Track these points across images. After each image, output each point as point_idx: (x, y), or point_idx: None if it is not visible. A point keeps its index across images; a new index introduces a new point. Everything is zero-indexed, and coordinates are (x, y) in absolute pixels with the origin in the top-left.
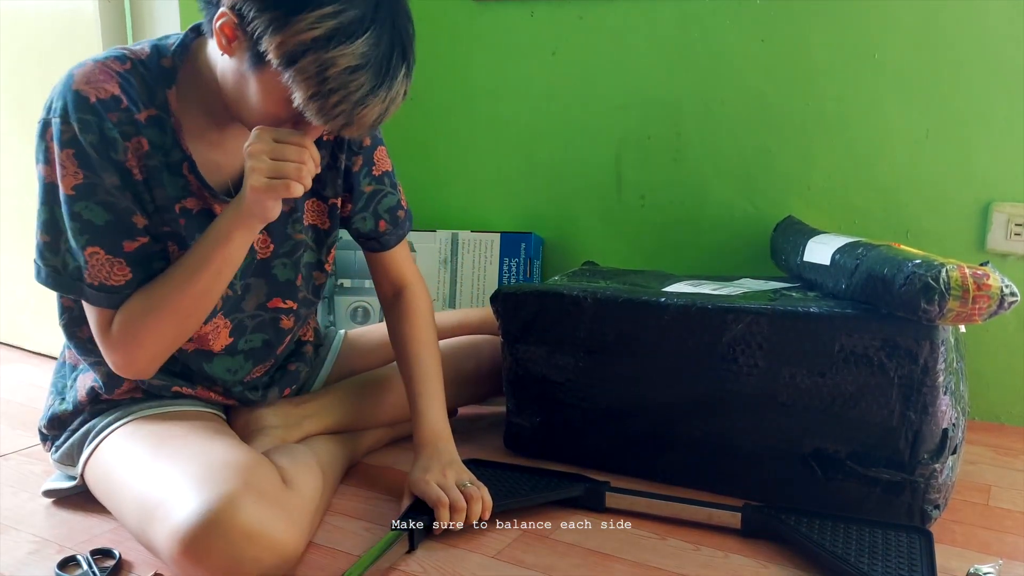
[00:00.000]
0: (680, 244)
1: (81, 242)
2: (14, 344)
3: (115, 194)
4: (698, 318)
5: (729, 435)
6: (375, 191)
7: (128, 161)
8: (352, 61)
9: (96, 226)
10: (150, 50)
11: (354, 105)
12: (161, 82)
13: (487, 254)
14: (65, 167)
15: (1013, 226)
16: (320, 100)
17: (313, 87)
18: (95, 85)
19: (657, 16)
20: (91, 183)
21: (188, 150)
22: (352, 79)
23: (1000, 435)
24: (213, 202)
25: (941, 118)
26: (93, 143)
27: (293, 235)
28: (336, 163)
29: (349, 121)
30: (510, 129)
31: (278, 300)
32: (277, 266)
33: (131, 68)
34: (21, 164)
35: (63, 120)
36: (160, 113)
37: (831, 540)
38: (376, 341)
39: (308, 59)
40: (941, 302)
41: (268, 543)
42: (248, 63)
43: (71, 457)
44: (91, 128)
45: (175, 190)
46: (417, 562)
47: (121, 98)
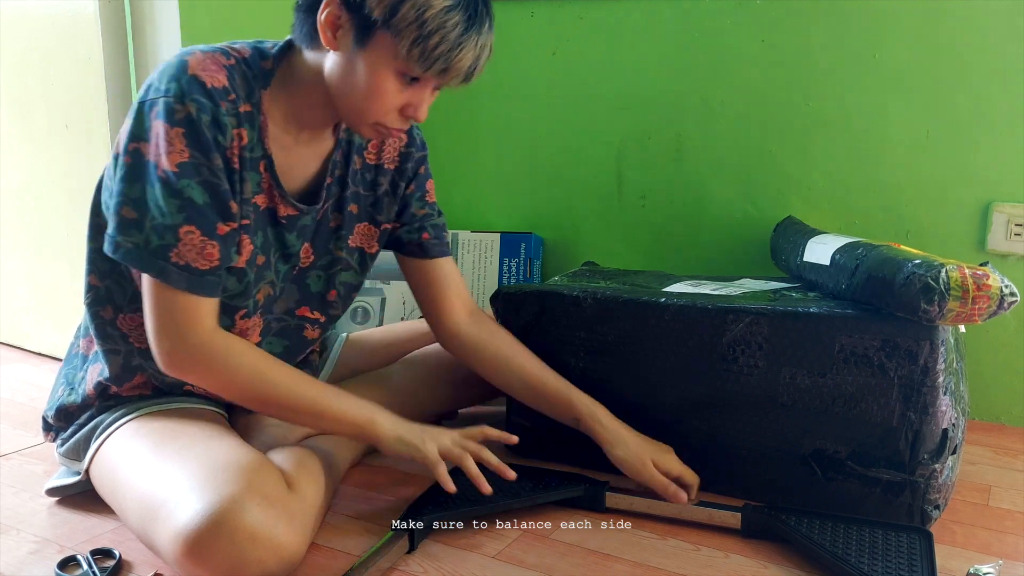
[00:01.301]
0: (680, 244)
1: (178, 219)
2: (14, 344)
3: (219, 176)
4: (698, 318)
5: (729, 435)
6: (426, 215)
7: (231, 149)
8: (446, 2)
9: (196, 205)
10: (251, 51)
11: (451, 46)
12: (259, 82)
13: (487, 254)
14: (172, 144)
15: (1013, 226)
16: (421, 43)
17: (414, 31)
18: (210, 73)
19: (657, 16)
20: (196, 162)
21: (270, 149)
22: (448, 18)
23: (1000, 435)
24: (280, 202)
25: (941, 118)
26: (207, 124)
27: (334, 251)
28: (395, 190)
29: (448, 65)
30: (510, 129)
31: (306, 309)
32: (311, 277)
33: (234, 64)
34: (21, 164)
35: (177, 100)
36: (254, 110)
37: (831, 540)
38: (377, 344)
39: (407, 6)
40: (941, 302)
41: (272, 546)
42: (353, 44)
43: (77, 452)
44: (207, 110)
45: (254, 186)
46: (417, 562)
47: (230, 89)
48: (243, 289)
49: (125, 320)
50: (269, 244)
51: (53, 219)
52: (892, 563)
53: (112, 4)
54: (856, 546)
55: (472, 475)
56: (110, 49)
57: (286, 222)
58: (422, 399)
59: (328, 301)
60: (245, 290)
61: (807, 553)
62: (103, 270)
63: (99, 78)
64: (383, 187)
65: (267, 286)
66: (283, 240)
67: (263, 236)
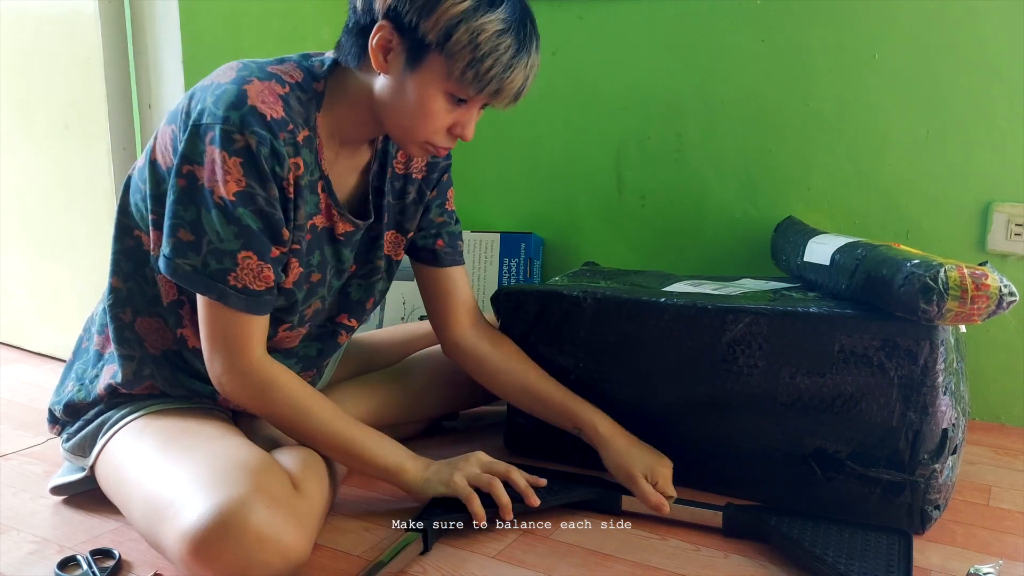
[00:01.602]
0: (680, 244)
1: (236, 245)
2: (14, 344)
3: (274, 205)
4: (698, 318)
5: (729, 435)
6: (443, 222)
7: (287, 179)
8: (498, 26)
9: (253, 231)
10: (304, 73)
11: (504, 68)
12: (313, 105)
13: (487, 254)
14: (229, 172)
15: (1013, 226)
16: (476, 66)
17: (469, 54)
18: (269, 105)
19: (657, 16)
20: (252, 192)
21: (326, 170)
22: (500, 42)
23: (1000, 435)
24: (339, 220)
25: (941, 119)
26: (266, 156)
27: (374, 260)
28: (423, 198)
29: (500, 87)
30: (510, 129)
31: (344, 316)
32: (353, 286)
33: (289, 92)
34: (21, 164)
35: (238, 130)
36: (311, 134)
37: (811, 540)
38: (378, 345)
39: (461, 30)
40: (940, 302)
41: (278, 547)
42: (404, 66)
43: (83, 448)
44: (266, 143)
45: (311, 207)
46: (417, 562)
47: (287, 120)
48: (289, 306)
49: (143, 324)
50: (326, 262)
51: (53, 219)
52: (870, 563)
53: (112, 4)
54: (835, 546)
55: (501, 504)
56: (110, 49)
57: (344, 238)
58: (424, 400)
59: (366, 309)
60: (291, 307)
61: (786, 552)
62: (126, 272)
63: (99, 78)
64: (411, 196)
65: (318, 301)
66: (340, 256)
67: (320, 255)
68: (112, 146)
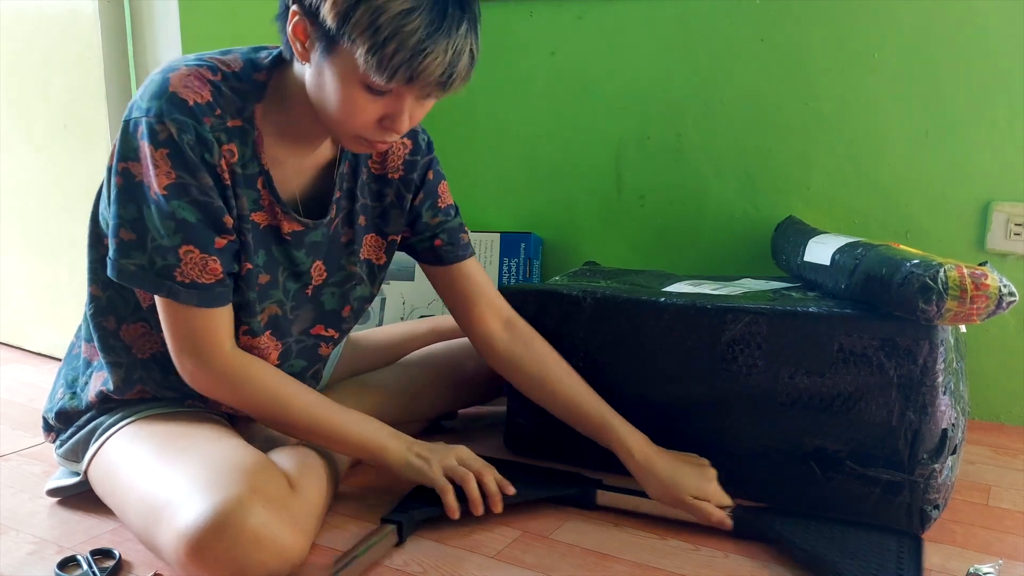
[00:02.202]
0: (680, 244)
1: (175, 240)
2: (14, 344)
3: (209, 194)
4: (698, 318)
5: (728, 435)
6: (440, 221)
7: (219, 166)
8: (403, 5)
9: (191, 224)
10: (244, 62)
11: (412, 53)
12: (251, 95)
13: (487, 254)
14: (158, 166)
15: (1013, 226)
16: (378, 52)
17: (369, 38)
18: (193, 89)
19: (657, 16)
20: (183, 183)
21: (266, 165)
22: (405, 23)
23: (1000, 435)
24: (283, 218)
25: (940, 118)
26: (191, 143)
27: (347, 267)
28: (402, 202)
29: (412, 74)
30: (509, 129)
31: (321, 328)
32: (326, 295)
33: (222, 79)
34: (21, 164)
35: (158, 120)
36: (245, 125)
37: (817, 542)
38: (377, 344)
39: (360, 10)
40: (939, 302)
41: (275, 548)
42: (320, 54)
43: (76, 453)
44: (189, 129)
45: (249, 203)
46: (417, 562)
47: (215, 105)
48: (244, 304)
49: (129, 330)
50: (275, 262)
51: (53, 219)
52: (880, 566)
53: (112, 4)
54: (843, 549)
55: (472, 499)
56: (109, 49)
57: (291, 238)
58: (422, 400)
59: (342, 317)
60: (246, 305)
61: (795, 555)
62: (104, 280)
63: (98, 78)
64: (389, 198)
65: (274, 305)
66: (291, 257)
67: (266, 254)
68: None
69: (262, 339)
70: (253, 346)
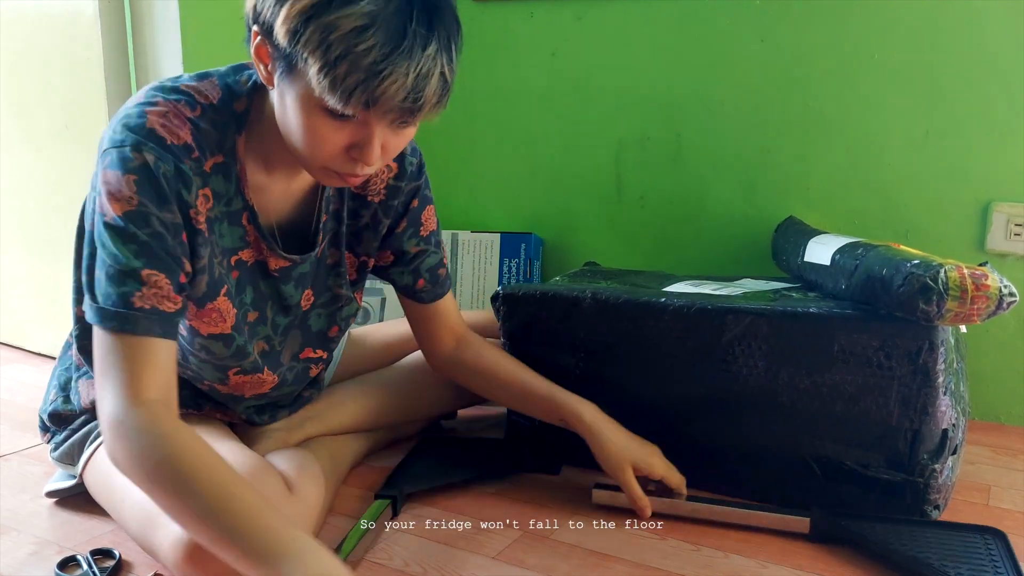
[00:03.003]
0: (680, 244)
1: (138, 264)
2: (14, 344)
3: (170, 230)
4: (698, 318)
5: (729, 435)
6: (420, 251)
7: (196, 207)
8: (356, 22)
9: (153, 249)
10: (221, 91)
11: (367, 74)
12: (231, 127)
13: (487, 255)
14: (121, 191)
15: (1013, 226)
16: (330, 72)
17: (320, 58)
18: (170, 129)
19: (657, 16)
20: (144, 211)
21: (250, 200)
22: (358, 41)
23: (1000, 435)
24: (268, 255)
25: (940, 118)
26: (167, 174)
27: (334, 288)
28: (377, 226)
29: (370, 98)
30: (510, 129)
31: (309, 350)
32: (313, 317)
33: (201, 114)
34: (21, 164)
35: (133, 148)
36: (227, 160)
37: (907, 544)
38: (378, 343)
39: (311, 28)
40: (939, 302)
41: None
42: (279, 76)
43: (71, 456)
44: (168, 161)
45: (233, 241)
46: (417, 562)
47: (192, 147)
48: (232, 353)
49: None
50: (264, 298)
51: (53, 219)
52: (975, 564)
53: (112, 4)
54: (935, 549)
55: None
56: (110, 49)
57: (279, 274)
58: (422, 400)
59: (329, 338)
60: (235, 354)
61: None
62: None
63: (98, 78)
64: (364, 219)
65: (262, 341)
66: (279, 292)
67: (254, 291)
68: None
69: (254, 376)
70: (246, 383)
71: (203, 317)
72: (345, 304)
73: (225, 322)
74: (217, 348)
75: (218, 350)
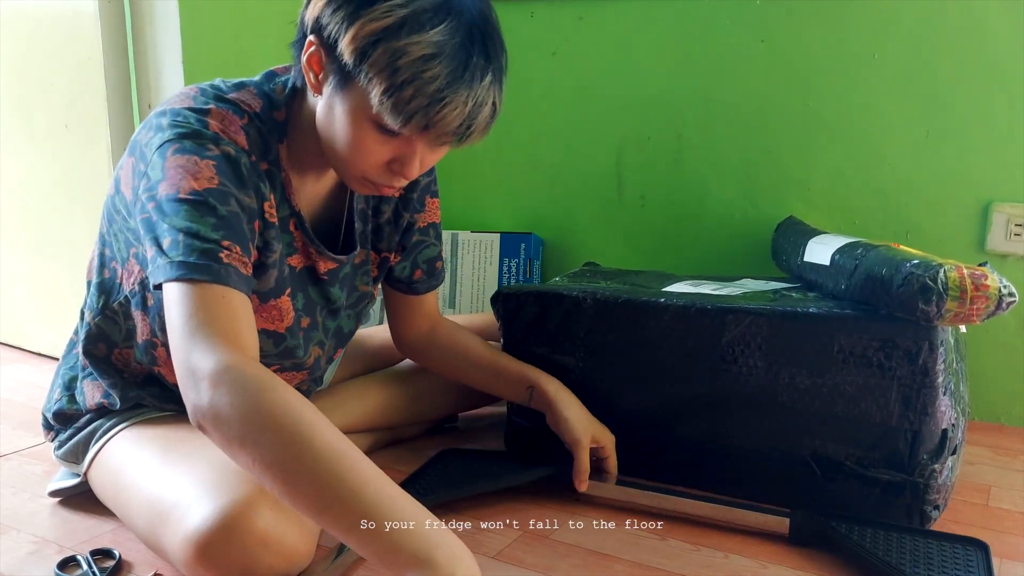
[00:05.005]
0: (680, 244)
1: (216, 235)
2: (14, 344)
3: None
4: (698, 318)
5: (728, 435)
6: (419, 241)
7: (271, 201)
8: (426, 49)
9: (231, 223)
10: (262, 101)
11: (430, 100)
12: (275, 137)
13: (487, 254)
14: (200, 171)
15: (1013, 227)
16: (394, 95)
17: (386, 80)
18: (230, 135)
19: (657, 16)
20: (225, 191)
21: (297, 206)
22: (426, 68)
23: (1000, 435)
24: (317, 258)
25: (941, 119)
26: (246, 165)
27: (360, 287)
28: (399, 220)
29: (428, 122)
30: (510, 129)
31: (339, 351)
32: (343, 318)
33: (248, 123)
34: (21, 164)
35: (212, 141)
36: (272, 168)
37: (885, 550)
38: (379, 343)
39: (379, 50)
40: (939, 303)
41: (283, 550)
42: (333, 88)
43: (75, 455)
44: (244, 155)
45: (286, 247)
46: None
47: (251, 152)
48: (278, 352)
49: (120, 355)
50: (314, 304)
51: (53, 219)
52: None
53: (112, 4)
54: (912, 557)
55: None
56: (110, 49)
57: (328, 277)
58: (424, 402)
59: (352, 335)
60: (281, 353)
61: (860, 563)
62: (97, 307)
63: (99, 78)
64: (386, 215)
65: (316, 347)
66: (328, 296)
67: (304, 297)
68: (112, 146)
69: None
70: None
71: (262, 313)
72: (369, 301)
73: (283, 321)
74: (265, 344)
75: (266, 346)
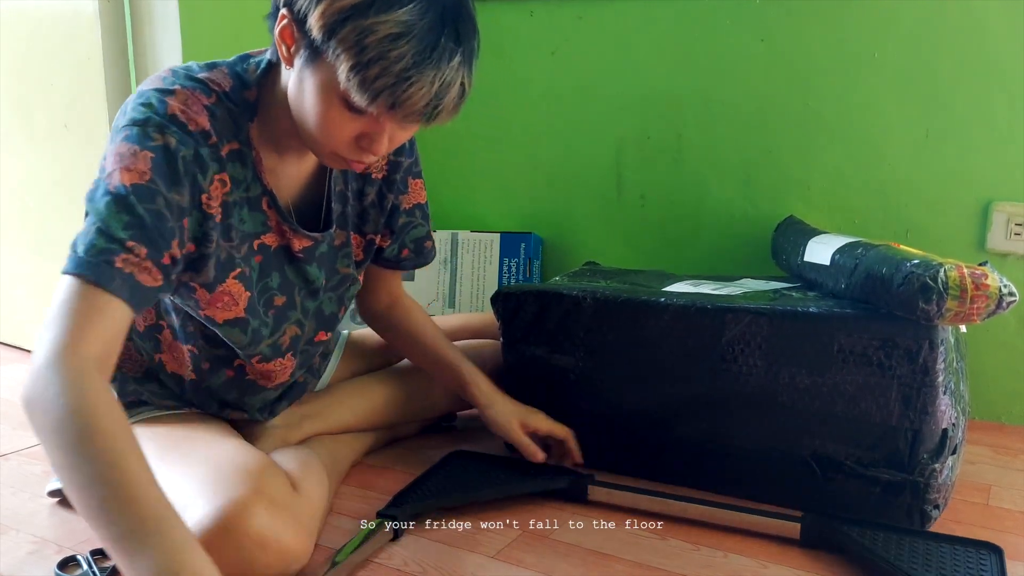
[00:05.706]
0: (680, 244)
1: (124, 235)
2: (14, 344)
3: (173, 211)
4: (698, 318)
5: (729, 435)
6: (406, 223)
7: (208, 193)
8: (393, 28)
9: (145, 224)
10: (232, 80)
11: (396, 79)
12: (245, 115)
13: (487, 254)
14: (136, 164)
15: (1013, 226)
16: (360, 72)
17: (353, 57)
18: (189, 115)
19: (657, 16)
20: (153, 189)
21: (269, 184)
22: (393, 48)
23: (1000, 435)
24: (292, 236)
25: (941, 118)
26: (186, 158)
27: (341, 270)
28: (383, 202)
29: (395, 101)
30: (510, 129)
31: (322, 333)
32: (324, 301)
33: (216, 102)
34: (21, 164)
35: (156, 129)
36: (242, 147)
37: (897, 554)
38: (378, 343)
39: (347, 28)
40: (939, 302)
41: (279, 550)
42: (303, 61)
43: None
44: (188, 145)
45: (254, 226)
46: (417, 562)
47: (211, 133)
48: (250, 339)
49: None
50: (290, 283)
51: (53, 219)
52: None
53: (112, 4)
54: (924, 561)
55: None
56: (110, 49)
57: (303, 255)
58: (422, 401)
59: (337, 319)
60: (253, 338)
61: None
62: None
63: (99, 78)
64: (370, 198)
65: (293, 326)
66: (305, 275)
67: (280, 276)
68: None
69: (278, 361)
70: (270, 370)
71: (216, 303)
72: (351, 284)
73: (238, 305)
74: (236, 336)
75: (237, 338)
